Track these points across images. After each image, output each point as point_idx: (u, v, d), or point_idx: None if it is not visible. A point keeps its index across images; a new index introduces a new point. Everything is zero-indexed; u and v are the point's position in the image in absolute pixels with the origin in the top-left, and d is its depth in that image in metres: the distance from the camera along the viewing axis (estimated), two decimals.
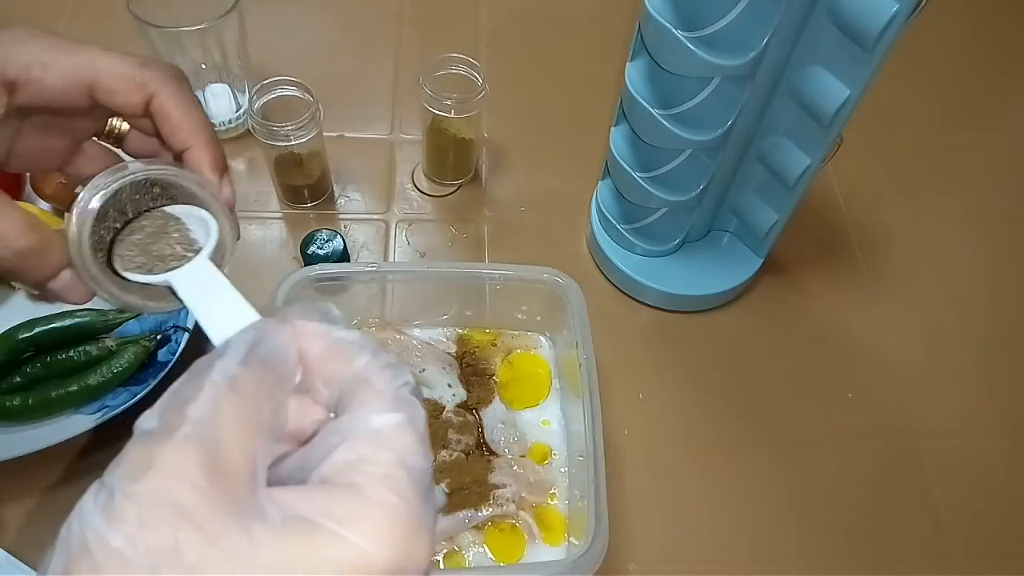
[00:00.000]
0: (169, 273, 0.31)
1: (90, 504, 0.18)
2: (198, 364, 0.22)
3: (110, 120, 0.37)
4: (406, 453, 0.21)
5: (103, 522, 0.18)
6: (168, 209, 0.33)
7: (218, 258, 0.32)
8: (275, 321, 0.24)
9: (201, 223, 0.33)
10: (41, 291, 0.32)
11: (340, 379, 0.23)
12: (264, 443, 0.21)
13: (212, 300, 0.29)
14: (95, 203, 0.31)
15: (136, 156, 0.38)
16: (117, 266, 0.32)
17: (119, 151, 0.38)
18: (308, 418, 0.23)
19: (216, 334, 0.27)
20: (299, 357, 0.23)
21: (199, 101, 0.34)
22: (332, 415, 0.24)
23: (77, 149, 0.37)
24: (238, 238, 0.34)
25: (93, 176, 0.31)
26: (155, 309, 0.32)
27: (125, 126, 0.37)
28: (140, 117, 0.33)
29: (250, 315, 0.28)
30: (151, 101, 0.33)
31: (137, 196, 0.32)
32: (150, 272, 0.31)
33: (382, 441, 0.21)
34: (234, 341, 0.22)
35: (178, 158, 0.34)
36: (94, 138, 0.37)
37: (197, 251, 0.31)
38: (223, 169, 0.34)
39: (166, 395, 0.21)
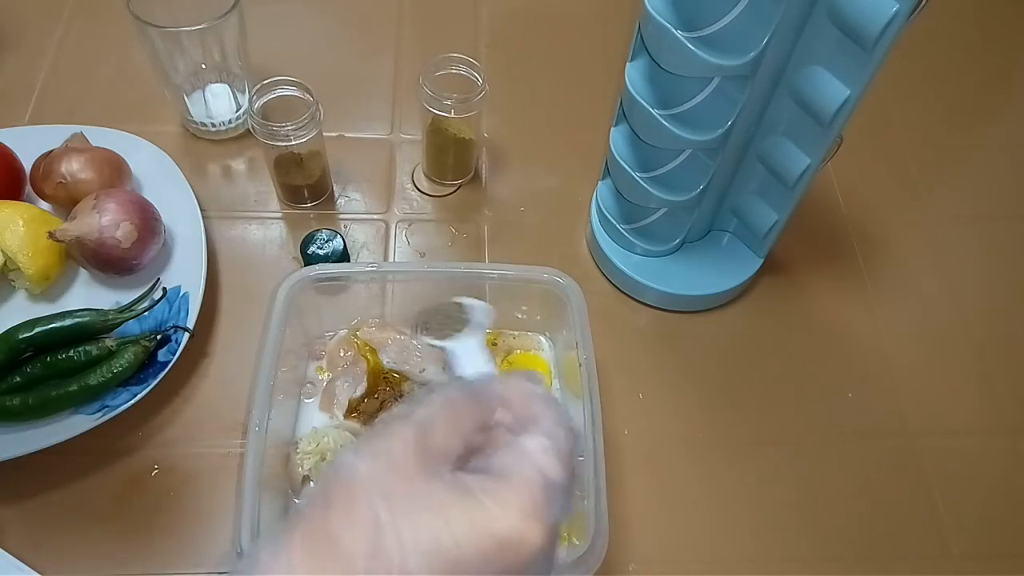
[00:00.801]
0: (448, 341, 0.45)
1: (349, 447, 0.32)
2: (442, 385, 0.34)
3: None
4: (545, 466, 0.30)
5: (353, 454, 0.29)
6: (457, 299, 0.50)
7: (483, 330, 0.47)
8: (493, 375, 0.38)
9: (483, 311, 0.48)
10: None
11: (525, 417, 0.32)
12: (460, 442, 0.30)
13: (470, 360, 0.43)
14: None
15: None
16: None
17: None
18: (501, 440, 0.32)
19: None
20: (502, 400, 0.32)
21: None
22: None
23: None
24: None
25: None
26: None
27: None
28: None
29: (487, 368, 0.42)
30: None
31: None
32: (440, 339, 0.47)
33: (529, 456, 0.30)
34: (463, 379, 0.36)
35: None
36: None
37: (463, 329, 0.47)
38: None
39: (415, 394, 0.36)
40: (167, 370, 0.58)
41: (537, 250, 0.72)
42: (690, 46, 0.50)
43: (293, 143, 0.65)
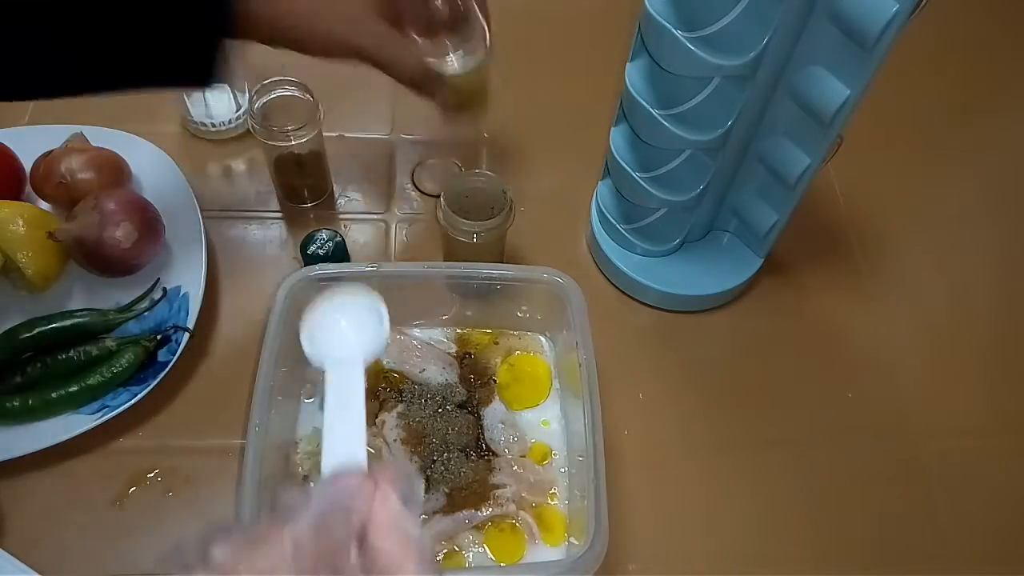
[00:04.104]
0: (328, 362, 0.33)
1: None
2: (286, 499, 0.27)
3: None
4: None
5: None
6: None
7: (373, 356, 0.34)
8: (360, 481, 0.28)
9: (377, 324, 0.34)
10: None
11: (388, 563, 0.26)
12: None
13: (343, 412, 0.31)
14: None
15: None
16: None
17: None
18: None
19: (329, 455, 0.30)
20: (362, 522, 0.27)
21: None
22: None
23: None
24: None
25: None
26: None
27: None
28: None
29: (357, 448, 0.30)
30: None
31: None
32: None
33: None
34: (316, 500, 0.27)
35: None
36: None
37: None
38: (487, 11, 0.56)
39: (244, 531, 0.27)
40: (167, 370, 0.58)
41: (537, 250, 0.72)
42: (690, 46, 0.50)
43: (293, 143, 0.65)
